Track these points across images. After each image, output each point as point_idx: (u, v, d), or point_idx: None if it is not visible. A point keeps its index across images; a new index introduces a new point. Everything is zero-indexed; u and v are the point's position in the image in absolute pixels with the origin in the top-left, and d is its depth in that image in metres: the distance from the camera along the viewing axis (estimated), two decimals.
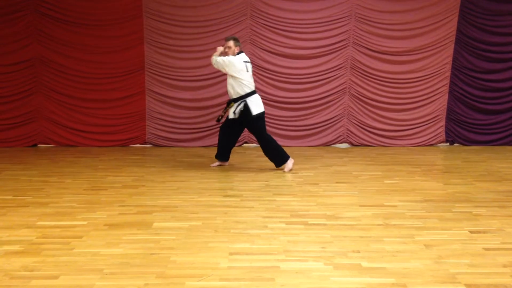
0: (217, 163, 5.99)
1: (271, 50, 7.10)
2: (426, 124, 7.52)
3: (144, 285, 2.76)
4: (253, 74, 7.22)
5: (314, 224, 3.84)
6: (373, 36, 7.16)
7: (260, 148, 7.19)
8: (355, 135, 7.47)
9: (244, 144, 7.43)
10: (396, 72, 7.30)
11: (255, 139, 7.37)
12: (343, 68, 7.26)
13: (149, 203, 4.36)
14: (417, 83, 7.36)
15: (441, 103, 7.46)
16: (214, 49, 7.06)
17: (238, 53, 5.52)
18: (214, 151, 6.97)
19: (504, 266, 3.07)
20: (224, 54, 5.56)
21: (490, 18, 7.19)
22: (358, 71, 7.26)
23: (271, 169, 5.78)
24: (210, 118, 7.26)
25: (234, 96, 5.53)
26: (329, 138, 7.46)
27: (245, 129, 6.05)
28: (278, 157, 5.65)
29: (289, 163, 5.66)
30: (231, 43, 5.51)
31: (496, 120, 7.59)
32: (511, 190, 4.95)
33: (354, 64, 7.25)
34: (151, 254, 3.20)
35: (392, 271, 2.96)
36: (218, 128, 7.29)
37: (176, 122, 7.27)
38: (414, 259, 3.15)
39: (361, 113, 7.41)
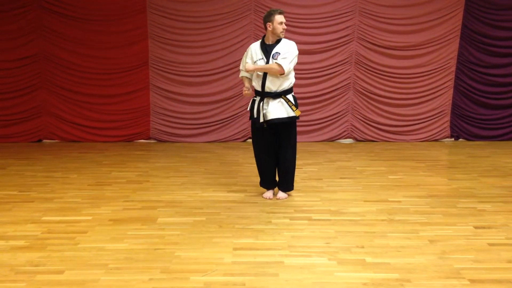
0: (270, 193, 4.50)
1: None
2: (431, 119, 7.48)
3: (149, 280, 2.77)
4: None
5: (318, 220, 3.84)
6: (378, 31, 7.12)
7: None
8: (359, 130, 7.45)
9: (248, 140, 7.42)
10: (401, 67, 7.27)
11: None
12: (348, 63, 7.23)
13: (153, 199, 4.38)
14: (421, 78, 7.32)
15: (446, 98, 7.43)
16: (217, 44, 7.11)
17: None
18: (218, 146, 7.00)
19: (509, 261, 3.06)
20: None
21: (496, 12, 7.13)
22: (363, 66, 7.23)
23: None
24: (214, 114, 7.26)
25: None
26: (333, 133, 7.44)
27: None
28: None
29: (267, 193, 4.48)
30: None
31: (502, 115, 7.54)
32: None
33: (358, 59, 7.22)
34: (156, 249, 3.21)
35: (396, 267, 2.96)
36: (221, 123, 7.32)
37: (180, 118, 7.27)
38: (418, 255, 3.15)
39: (365, 108, 7.38)
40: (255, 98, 4.26)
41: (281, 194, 4.45)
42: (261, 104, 4.15)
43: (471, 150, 6.86)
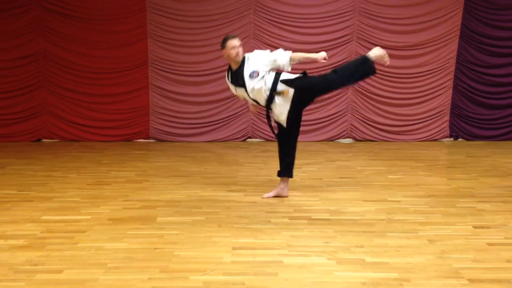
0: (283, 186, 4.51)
1: (274, 45, 7.04)
2: (430, 119, 7.49)
3: (148, 279, 2.77)
4: None
5: (317, 219, 3.84)
6: (377, 31, 7.12)
7: (263, 144, 7.22)
8: (359, 130, 7.46)
9: (248, 139, 7.43)
10: (400, 67, 7.27)
11: (258, 134, 7.40)
12: None
13: (152, 198, 4.37)
14: (421, 77, 7.33)
15: (445, 98, 7.43)
16: (216, 44, 7.10)
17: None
18: (217, 145, 7.00)
19: (508, 261, 3.06)
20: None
21: (495, 12, 7.14)
22: None
23: (274, 165, 5.77)
24: (213, 113, 7.26)
25: None
26: (333, 133, 7.44)
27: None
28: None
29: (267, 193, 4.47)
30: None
31: (501, 115, 7.55)
32: None
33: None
34: (155, 248, 3.21)
35: (395, 266, 2.96)
36: (221, 123, 7.33)
37: (179, 117, 7.28)
38: (418, 254, 3.15)
39: (364, 108, 7.39)
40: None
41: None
42: (269, 112, 4.27)
43: (470, 150, 6.86)
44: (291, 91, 4.11)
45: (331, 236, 3.47)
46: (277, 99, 4.14)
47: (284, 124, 4.21)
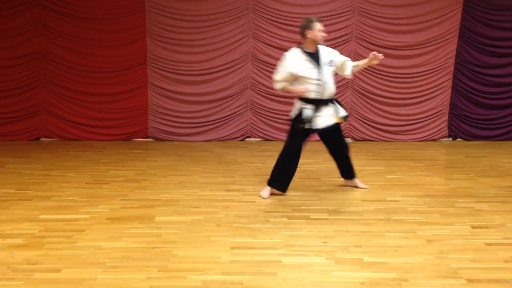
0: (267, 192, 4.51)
1: (273, 44, 7.07)
2: (429, 119, 7.49)
3: (146, 278, 2.76)
4: (256, 68, 7.22)
5: (316, 219, 3.84)
6: (376, 31, 7.12)
7: (262, 143, 7.21)
8: (358, 130, 7.46)
9: (247, 139, 7.43)
10: (399, 67, 7.27)
11: (257, 134, 7.40)
12: None
13: (151, 197, 4.37)
14: (420, 77, 7.33)
15: (444, 98, 7.44)
16: (215, 43, 7.11)
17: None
18: (216, 145, 6.99)
19: (506, 261, 3.07)
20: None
21: (494, 12, 7.14)
22: None
23: (273, 164, 5.76)
24: (212, 112, 7.25)
25: None
26: None
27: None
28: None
29: (265, 192, 4.47)
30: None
31: (499, 115, 7.56)
32: None
33: (357, 59, 7.20)
34: (153, 248, 3.21)
35: (393, 266, 2.96)
36: (220, 122, 7.32)
37: (178, 116, 7.27)
38: (416, 254, 3.15)
39: (363, 108, 7.39)
40: (305, 107, 4.26)
41: (357, 181, 4.81)
42: (315, 112, 4.28)
43: (469, 150, 6.87)
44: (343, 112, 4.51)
45: (330, 235, 3.48)
46: (330, 108, 4.36)
47: (321, 126, 4.36)
